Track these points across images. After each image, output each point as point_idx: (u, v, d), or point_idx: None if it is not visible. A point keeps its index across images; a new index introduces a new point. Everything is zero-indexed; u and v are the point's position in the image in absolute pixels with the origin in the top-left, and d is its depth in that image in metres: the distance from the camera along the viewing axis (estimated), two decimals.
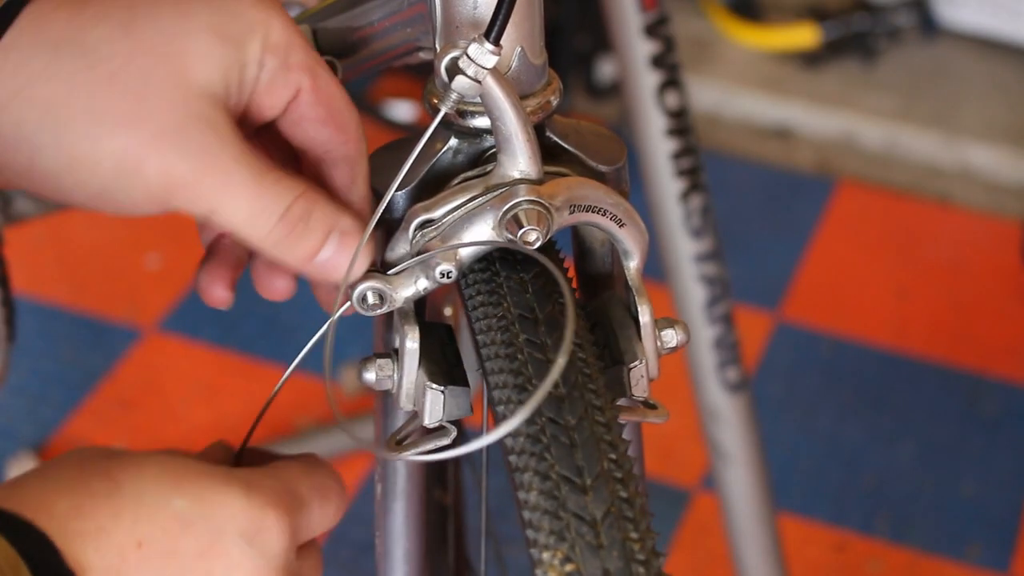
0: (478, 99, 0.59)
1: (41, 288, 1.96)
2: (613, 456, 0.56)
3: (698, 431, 1.34)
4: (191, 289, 1.91)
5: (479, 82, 0.58)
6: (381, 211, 0.60)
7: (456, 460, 1.01)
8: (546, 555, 0.53)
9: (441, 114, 0.60)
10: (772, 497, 1.36)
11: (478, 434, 0.55)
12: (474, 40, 0.58)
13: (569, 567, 0.53)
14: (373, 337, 0.69)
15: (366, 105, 2.21)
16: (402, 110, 2.22)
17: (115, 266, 2.01)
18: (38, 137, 0.54)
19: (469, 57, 0.58)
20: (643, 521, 0.55)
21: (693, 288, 1.24)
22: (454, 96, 0.59)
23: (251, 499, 0.55)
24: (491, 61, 0.58)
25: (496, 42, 0.57)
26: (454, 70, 0.59)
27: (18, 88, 0.54)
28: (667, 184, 1.20)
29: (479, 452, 0.82)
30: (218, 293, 0.63)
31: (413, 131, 0.63)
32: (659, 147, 1.19)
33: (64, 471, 0.54)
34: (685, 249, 1.22)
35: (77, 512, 0.52)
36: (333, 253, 0.58)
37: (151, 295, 1.97)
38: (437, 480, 0.96)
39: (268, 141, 0.62)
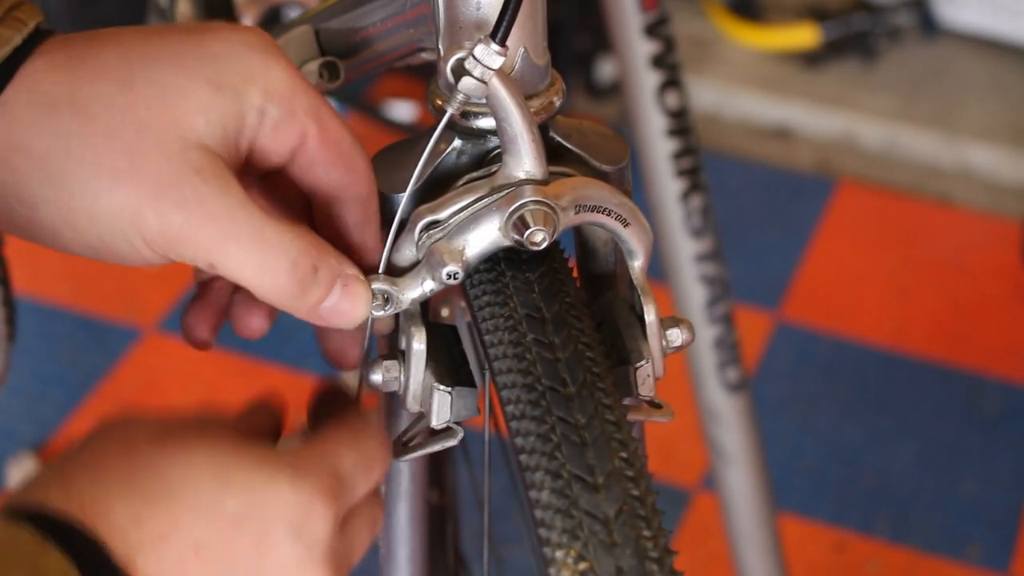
0: (483, 100, 0.59)
1: (41, 288, 1.96)
2: (624, 454, 0.56)
3: (698, 431, 1.34)
4: (191, 289, 1.91)
5: (485, 83, 0.58)
6: (397, 222, 0.61)
7: (453, 462, 1.01)
8: (559, 553, 0.53)
9: (447, 115, 0.60)
10: (772, 497, 1.36)
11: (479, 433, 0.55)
12: (480, 41, 0.58)
13: (583, 565, 0.53)
14: (378, 340, 0.69)
15: (366, 105, 2.21)
16: (402, 110, 2.22)
17: (115, 266, 2.00)
18: (37, 191, 0.55)
19: (475, 58, 0.58)
20: (655, 519, 0.55)
21: (693, 288, 1.24)
22: (460, 97, 0.59)
23: (298, 490, 0.55)
24: (497, 62, 0.58)
25: (502, 43, 0.57)
26: (460, 71, 0.59)
27: (16, 143, 0.55)
28: (667, 184, 1.20)
29: (479, 452, 0.82)
30: (201, 335, 0.65)
31: (413, 131, 0.62)
32: (659, 147, 1.19)
33: (112, 466, 0.54)
34: (685, 249, 1.22)
35: (136, 521, 0.52)
36: (338, 300, 0.59)
37: (151, 295, 1.97)
38: (434, 482, 0.96)
39: (278, 185, 0.62)
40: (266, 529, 0.54)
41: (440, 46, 0.62)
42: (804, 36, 2.35)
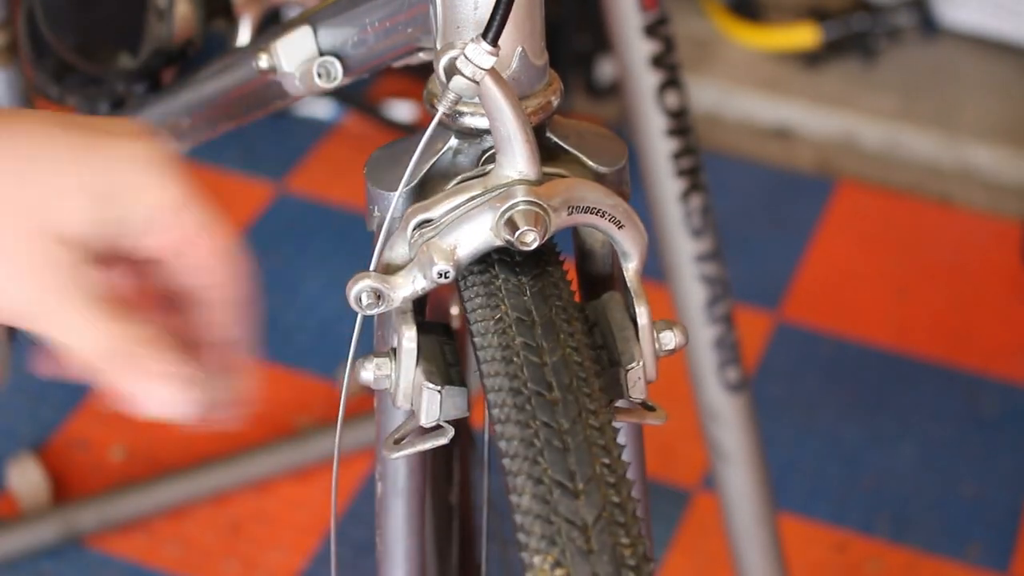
0: (476, 99, 0.59)
1: None
2: (606, 460, 0.55)
3: (698, 431, 1.34)
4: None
5: (477, 82, 0.58)
6: (389, 220, 0.61)
7: (463, 460, 1.01)
8: (536, 559, 0.53)
9: (439, 115, 0.60)
10: (772, 497, 1.36)
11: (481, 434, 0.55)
12: (472, 40, 0.58)
13: (559, 572, 0.53)
14: (374, 336, 0.69)
15: (366, 105, 2.21)
16: (402, 110, 2.22)
17: None
18: None
19: (467, 58, 0.58)
20: (635, 526, 0.54)
21: (693, 288, 1.24)
22: (451, 96, 0.59)
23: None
24: (489, 62, 0.58)
25: (494, 43, 0.57)
26: (452, 71, 0.59)
27: None
28: (667, 184, 1.20)
29: (482, 452, 0.82)
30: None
31: (413, 131, 0.63)
32: (659, 147, 1.19)
33: None
34: (685, 249, 1.22)
35: None
36: (161, 394, 0.60)
37: None
38: (447, 480, 0.96)
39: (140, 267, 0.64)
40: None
41: (438, 46, 0.62)
42: (804, 36, 2.35)
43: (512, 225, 0.59)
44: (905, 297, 2.02)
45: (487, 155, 0.63)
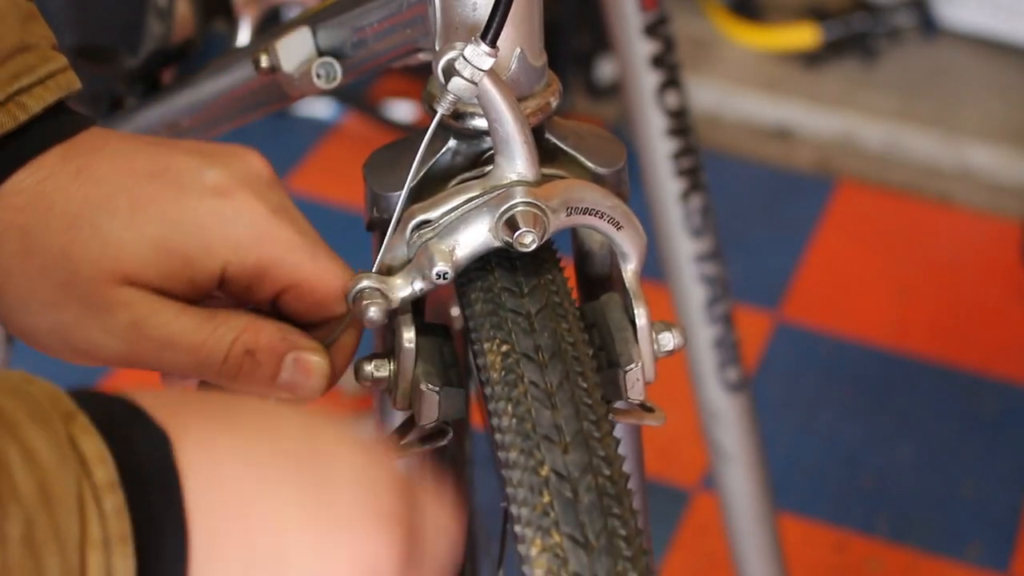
0: (475, 100, 0.59)
1: None
2: (602, 453, 0.55)
3: (698, 431, 1.34)
4: None
5: (475, 84, 0.58)
6: (395, 223, 0.61)
7: (463, 463, 1.01)
8: (533, 551, 0.53)
9: (439, 116, 0.60)
10: (772, 497, 1.36)
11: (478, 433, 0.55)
12: (471, 42, 0.58)
13: (555, 561, 0.53)
14: (374, 337, 0.69)
15: (366, 105, 2.21)
16: (402, 110, 2.22)
17: None
18: None
19: (465, 59, 0.58)
20: (630, 518, 0.54)
21: (693, 288, 1.24)
22: (450, 98, 0.59)
23: (369, 454, 0.49)
24: (487, 63, 0.58)
25: (492, 44, 0.57)
26: (450, 72, 0.59)
27: None
28: (667, 184, 1.20)
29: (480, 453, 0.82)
30: None
31: (413, 131, 0.63)
32: (659, 147, 1.19)
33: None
34: (685, 249, 1.22)
35: (190, 412, 0.49)
36: (291, 374, 0.60)
37: None
38: (446, 480, 0.96)
39: None
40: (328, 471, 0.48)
41: (436, 46, 0.62)
42: (804, 36, 2.35)
43: (511, 226, 0.59)
44: (905, 297, 2.02)
45: (486, 156, 0.63)
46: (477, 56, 0.58)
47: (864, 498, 1.75)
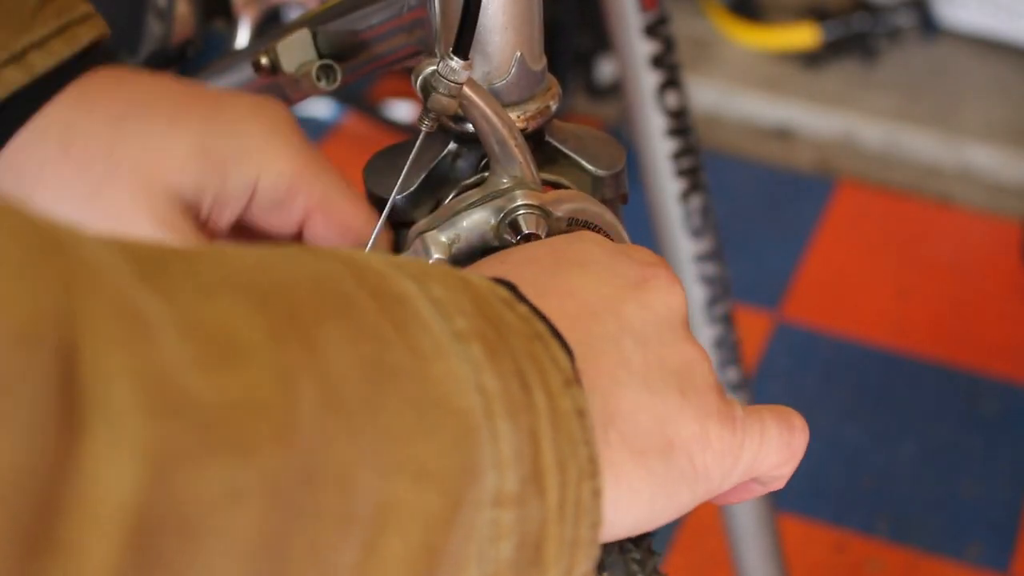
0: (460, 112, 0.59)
1: None
2: None
3: None
4: None
5: (455, 98, 0.58)
6: (383, 222, 0.61)
7: None
8: None
9: (422, 135, 0.60)
10: (772, 497, 1.37)
11: None
12: (443, 57, 0.57)
13: None
14: None
15: (366, 105, 2.21)
16: (402, 110, 2.22)
17: None
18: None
19: (440, 75, 0.57)
20: (644, 542, 0.54)
21: (693, 288, 1.24)
22: (431, 115, 0.59)
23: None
24: (462, 76, 0.57)
25: (465, 56, 0.57)
26: (428, 89, 0.58)
27: (24, 190, 0.58)
28: (667, 184, 1.20)
29: None
30: None
31: (413, 132, 0.63)
32: (659, 147, 1.19)
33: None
34: (685, 249, 1.22)
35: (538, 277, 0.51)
36: None
37: None
38: None
39: None
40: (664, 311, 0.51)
41: (437, 50, 0.62)
42: (804, 36, 2.35)
43: (513, 230, 0.59)
44: (905, 297, 2.02)
45: (485, 158, 0.63)
46: (451, 71, 0.57)
47: (864, 498, 1.76)
